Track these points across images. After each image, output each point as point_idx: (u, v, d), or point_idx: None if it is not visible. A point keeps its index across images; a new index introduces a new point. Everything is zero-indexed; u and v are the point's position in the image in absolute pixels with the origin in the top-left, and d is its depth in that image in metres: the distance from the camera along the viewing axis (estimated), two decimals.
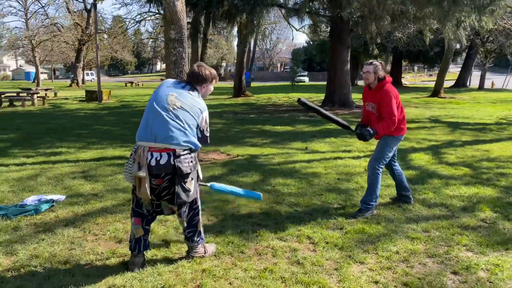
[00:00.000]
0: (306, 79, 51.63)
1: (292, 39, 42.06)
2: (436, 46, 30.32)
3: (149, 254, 3.20)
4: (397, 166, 4.60)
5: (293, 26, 25.02)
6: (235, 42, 25.70)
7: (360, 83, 45.85)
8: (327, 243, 3.49)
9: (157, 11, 24.70)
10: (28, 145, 7.90)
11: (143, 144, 2.86)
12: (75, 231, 3.70)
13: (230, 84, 35.17)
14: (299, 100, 4.05)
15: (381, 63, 4.13)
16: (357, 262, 3.16)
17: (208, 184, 3.39)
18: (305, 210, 4.33)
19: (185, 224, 3.11)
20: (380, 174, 4.30)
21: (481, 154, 7.36)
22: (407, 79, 55.33)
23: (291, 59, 54.36)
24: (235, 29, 21.31)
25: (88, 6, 36.00)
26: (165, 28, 6.86)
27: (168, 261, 3.14)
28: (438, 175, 5.81)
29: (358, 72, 45.46)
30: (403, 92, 29.34)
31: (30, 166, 6.17)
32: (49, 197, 4.49)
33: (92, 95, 20.71)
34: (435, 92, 23.74)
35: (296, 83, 39.75)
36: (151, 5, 20.30)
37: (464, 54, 37.58)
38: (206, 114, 3.04)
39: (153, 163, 2.81)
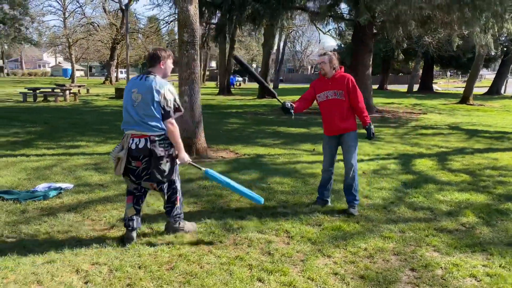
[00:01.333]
0: None
1: (319, 42, 41.92)
2: (469, 52, 29.64)
3: (136, 239, 3.52)
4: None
5: (320, 29, 25.09)
6: None
7: (390, 87, 45.26)
8: (302, 237, 3.71)
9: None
10: (51, 138, 8.46)
11: (127, 132, 3.38)
12: (75, 216, 4.08)
13: (257, 85, 35.46)
14: (235, 57, 4.39)
15: (335, 53, 4.42)
16: (324, 255, 3.37)
17: (203, 169, 3.71)
18: (292, 207, 4.55)
19: (165, 199, 3.59)
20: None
21: (488, 162, 7.33)
22: (440, 84, 54.14)
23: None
24: (262, 31, 21.64)
25: (123, 7, 37.17)
26: (178, 30, 7.21)
27: (151, 245, 3.45)
28: (434, 181, 5.89)
29: (388, 76, 44.89)
30: (432, 98, 28.88)
31: (48, 157, 6.66)
32: (58, 185, 4.91)
33: (122, 93, 21.47)
34: (464, 98, 23.23)
35: None
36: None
37: (499, 61, 36.48)
38: (164, 91, 3.31)
39: (133, 147, 3.31)
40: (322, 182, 4.67)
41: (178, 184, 3.63)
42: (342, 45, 49.25)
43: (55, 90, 19.28)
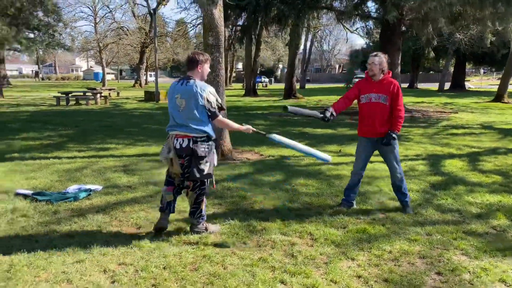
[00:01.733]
0: None
1: (347, 41, 41.46)
2: (504, 48, 28.63)
3: (162, 239, 3.60)
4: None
5: (347, 28, 24.81)
6: None
7: (420, 86, 44.26)
8: (325, 239, 3.69)
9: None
10: (82, 141, 8.73)
11: (172, 133, 3.68)
12: (103, 217, 4.19)
13: (283, 86, 35.42)
14: (284, 107, 4.31)
15: (386, 56, 4.33)
16: (348, 258, 3.34)
17: (267, 135, 3.98)
18: (316, 210, 4.53)
19: (192, 201, 3.74)
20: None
21: None
22: (473, 82, 52.53)
23: (349, 60, 53.63)
24: (288, 31, 21.60)
25: (152, 11, 37.90)
26: (203, 34, 7.30)
27: (176, 246, 3.51)
28: (464, 182, 5.74)
29: (418, 75, 43.92)
30: (464, 96, 28.09)
31: (79, 160, 6.88)
32: (87, 186, 5.06)
33: (151, 95, 21.93)
34: (498, 96, 22.46)
35: (351, 86, 39.23)
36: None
37: None
38: (205, 94, 3.55)
39: (177, 146, 3.60)
40: (350, 184, 4.62)
41: (206, 186, 3.78)
42: (371, 44, 48.67)
43: (86, 94, 19.85)
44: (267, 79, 49.70)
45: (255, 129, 3.88)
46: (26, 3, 26.07)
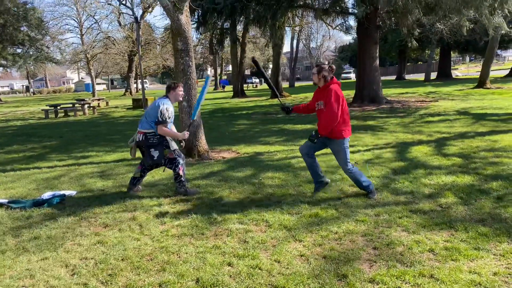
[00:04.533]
0: (352, 75, 51.06)
1: (329, 38, 41.85)
2: (486, 35, 28.96)
3: (126, 233, 3.84)
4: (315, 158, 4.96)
5: (329, 25, 25.10)
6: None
7: (408, 77, 44.64)
8: (279, 225, 3.94)
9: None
10: (64, 150, 8.95)
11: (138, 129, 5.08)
12: (73, 219, 4.43)
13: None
14: (253, 59, 5.32)
15: (329, 66, 4.60)
16: (296, 240, 3.59)
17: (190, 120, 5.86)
18: (277, 199, 4.78)
19: (173, 173, 5.14)
20: (354, 169, 4.71)
21: (486, 145, 7.36)
22: (461, 70, 52.95)
23: (336, 56, 53.91)
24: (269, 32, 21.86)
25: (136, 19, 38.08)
26: (172, 39, 7.55)
27: (138, 240, 3.75)
28: (425, 166, 6.00)
29: (405, 66, 44.28)
30: (450, 84, 28.45)
31: (59, 168, 7.10)
32: (62, 192, 5.29)
33: (138, 103, 22.14)
34: (480, 83, 22.86)
35: (341, 80, 39.52)
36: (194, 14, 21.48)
37: None
38: (161, 108, 4.89)
39: (137, 138, 5.01)
40: (308, 165, 4.93)
41: (176, 163, 5.04)
42: (356, 39, 48.96)
43: (75, 105, 20.05)
44: (257, 80, 49.96)
45: (187, 132, 5.20)
46: (10, 18, 26.26)
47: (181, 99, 5.33)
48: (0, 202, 5.02)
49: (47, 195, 5.24)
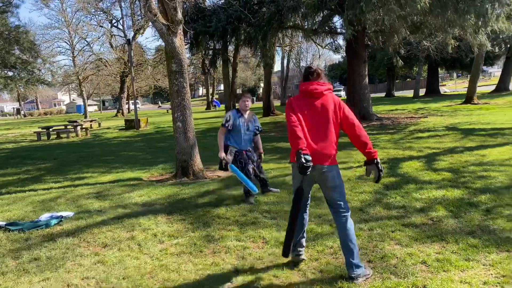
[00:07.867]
0: (342, 93, 51.65)
1: (319, 57, 42.59)
2: (471, 52, 29.68)
3: (126, 252, 3.90)
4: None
5: (318, 44, 25.57)
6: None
7: (397, 94, 45.32)
8: (276, 241, 4.04)
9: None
10: (59, 172, 8.99)
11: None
12: (72, 240, 4.48)
13: (261, 105, 36.03)
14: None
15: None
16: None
17: (229, 164, 5.42)
18: (273, 216, 4.88)
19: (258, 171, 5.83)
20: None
21: (475, 159, 7.54)
22: (449, 86, 53.89)
23: (326, 74, 54.59)
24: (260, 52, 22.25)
25: (128, 41, 38.48)
26: (166, 61, 7.72)
27: (137, 259, 3.82)
28: (416, 181, 6.15)
29: (394, 83, 45.01)
30: (439, 100, 28.95)
31: (55, 190, 7.14)
32: (59, 214, 5.34)
33: (130, 124, 22.22)
34: (468, 98, 23.33)
35: None
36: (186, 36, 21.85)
37: (504, 58, 36.35)
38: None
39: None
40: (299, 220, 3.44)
41: (247, 167, 5.57)
42: (345, 58, 49.77)
43: (67, 127, 20.07)
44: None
45: (224, 161, 5.47)
46: (2, 42, 26.39)
47: (246, 108, 5.58)
48: None
49: (44, 217, 5.28)
